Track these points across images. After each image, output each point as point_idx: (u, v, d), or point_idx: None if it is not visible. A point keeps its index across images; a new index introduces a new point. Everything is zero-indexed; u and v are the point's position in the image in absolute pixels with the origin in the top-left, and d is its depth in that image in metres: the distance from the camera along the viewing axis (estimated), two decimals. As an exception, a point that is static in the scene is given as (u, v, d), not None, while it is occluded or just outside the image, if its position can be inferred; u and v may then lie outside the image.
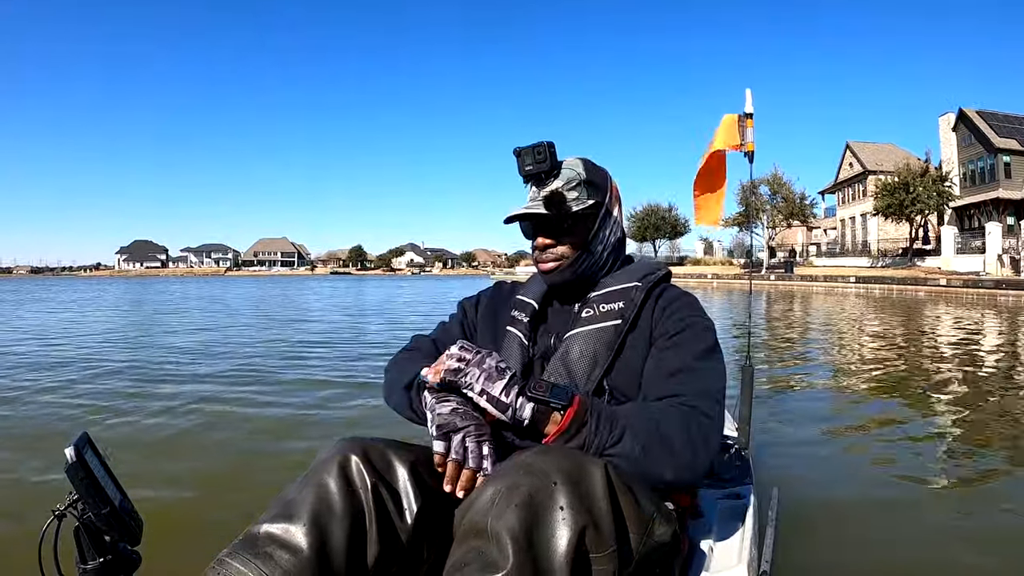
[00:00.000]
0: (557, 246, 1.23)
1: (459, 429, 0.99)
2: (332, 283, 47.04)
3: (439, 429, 0.99)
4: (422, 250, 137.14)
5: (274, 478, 2.70)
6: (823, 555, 2.01)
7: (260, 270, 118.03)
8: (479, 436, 1.00)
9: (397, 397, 1.24)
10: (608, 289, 1.25)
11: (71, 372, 5.79)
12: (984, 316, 12.94)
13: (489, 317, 1.39)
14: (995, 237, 26.49)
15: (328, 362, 6.55)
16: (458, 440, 0.99)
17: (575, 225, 1.23)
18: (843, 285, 27.93)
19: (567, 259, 1.23)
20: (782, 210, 40.03)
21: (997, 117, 32.32)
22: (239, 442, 3.48)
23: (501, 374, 1.00)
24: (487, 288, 1.49)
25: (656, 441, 1.00)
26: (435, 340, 1.40)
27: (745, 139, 2.92)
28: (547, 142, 1.19)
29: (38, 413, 4.15)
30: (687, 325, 1.18)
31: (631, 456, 0.98)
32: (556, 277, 1.25)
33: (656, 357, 1.16)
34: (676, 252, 56.17)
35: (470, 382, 0.99)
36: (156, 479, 2.81)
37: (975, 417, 3.94)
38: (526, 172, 1.21)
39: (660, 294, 1.25)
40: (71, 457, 0.81)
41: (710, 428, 1.04)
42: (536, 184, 1.23)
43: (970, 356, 6.96)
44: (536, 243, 1.24)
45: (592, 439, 0.98)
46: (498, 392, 0.98)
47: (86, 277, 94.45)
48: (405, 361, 1.31)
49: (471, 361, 1.01)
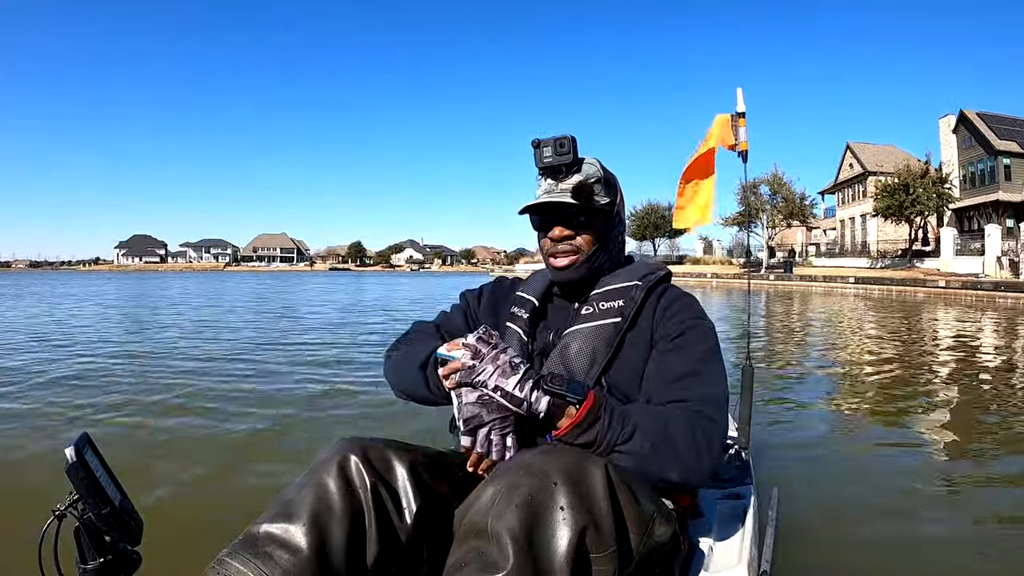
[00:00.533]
0: (575, 238, 1.22)
1: (485, 423, 1.01)
2: (332, 279, 46.96)
3: (466, 424, 1.01)
4: (421, 247, 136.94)
5: (274, 478, 2.71)
6: (823, 555, 2.01)
7: (259, 266, 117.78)
8: (504, 429, 1.02)
9: (410, 378, 1.22)
10: (608, 287, 1.25)
11: (70, 367, 5.78)
12: (983, 318, 12.96)
13: (490, 311, 1.39)
14: (994, 239, 26.45)
15: (328, 362, 6.55)
16: (483, 434, 1.01)
17: (593, 220, 1.23)
18: (842, 286, 27.91)
19: (583, 254, 1.23)
20: (782, 210, 40.07)
21: (997, 119, 32.34)
22: (239, 442, 3.48)
23: (515, 369, 1.00)
24: (488, 282, 1.49)
25: (664, 442, 1.00)
26: (438, 326, 1.41)
27: (738, 138, 2.90)
28: (570, 136, 1.18)
29: (38, 414, 4.14)
30: (689, 327, 1.18)
31: (640, 454, 0.99)
32: (571, 274, 1.24)
33: (659, 359, 1.16)
34: (676, 251, 56.22)
35: (483, 380, 1.00)
36: (156, 479, 2.80)
37: (975, 418, 3.94)
38: (544, 163, 1.19)
39: (661, 294, 1.25)
40: (71, 457, 0.81)
41: (715, 433, 1.05)
42: (553, 176, 1.21)
43: (969, 358, 6.97)
44: (553, 234, 1.23)
45: (604, 434, 0.99)
46: (511, 387, 0.99)
47: (85, 271, 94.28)
48: (413, 342, 1.31)
49: (486, 356, 1.01)
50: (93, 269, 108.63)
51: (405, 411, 4.00)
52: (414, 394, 1.24)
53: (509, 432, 1.02)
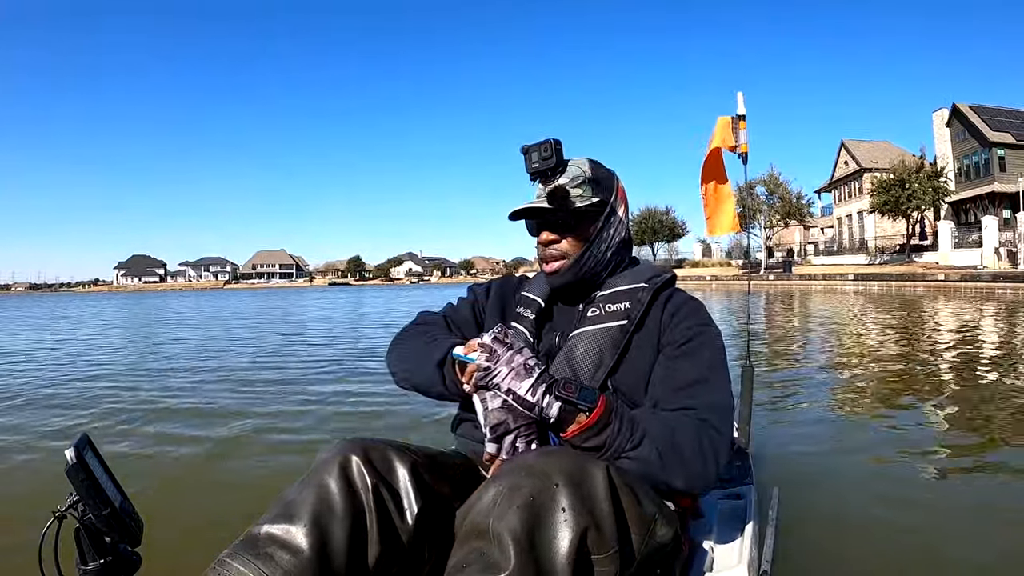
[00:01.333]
0: (560, 242, 1.23)
1: (512, 430, 1.01)
2: (332, 294, 47.03)
3: (493, 431, 1.01)
4: (420, 259, 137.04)
5: (275, 478, 2.71)
6: (823, 555, 2.01)
7: (259, 282, 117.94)
8: (528, 435, 1.02)
9: (426, 374, 1.20)
10: (614, 289, 1.25)
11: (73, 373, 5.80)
12: (982, 309, 12.95)
13: (496, 308, 1.39)
14: (991, 231, 26.64)
15: (328, 362, 6.57)
16: (509, 441, 1.01)
17: (579, 222, 1.23)
18: (842, 283, 27.99)
19: (570, 257, 1.23)
20: (779, 210, 40.15)
21: (990, 111, 32.51)
22: (239, 442, 3.49)
23: (529, 372, 1.00)
24: (497, 278, 1.50)
25: (671, 449, 1.01)
26: (447, 317, 1.41)
27: (739, 141, 2.96)
28: (553, 140, 1.19)
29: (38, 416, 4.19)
30: (697, 333, 1.19)
31: (648, 460, 1.00)
32: (558, 279, 1.25)
33: (666, 365, 1.17)
34: (674, 255, 56.23)
35: (497, 382, 1.00)
36: (156, 479, 2.81)
37: (977, 415, 3.92)
38: (532, 169, 1.22)
39: (668, 297, 1.26)
40: (71, 458, 0.81)
41: (721, 442, 1.05)
42: (542, 181, 1.23)
43: (970, 351, 6.95)
44: (540, 239, 1.25)
45: (614, 439, 0.99)
46: (524, 392, 0.99)
47: (84, 293, 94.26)
48: (423, 335, 1.30)
49: (501, 358, 1.01)
50: (92, 290, 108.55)
51: (405, 411, 4.08)
52: (427, 390, 1.23)
53: (533, 439, 1.02)
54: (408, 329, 1.38)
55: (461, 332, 1.34)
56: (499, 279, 1.48)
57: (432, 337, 1.26)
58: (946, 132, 34.27)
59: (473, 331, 1.35)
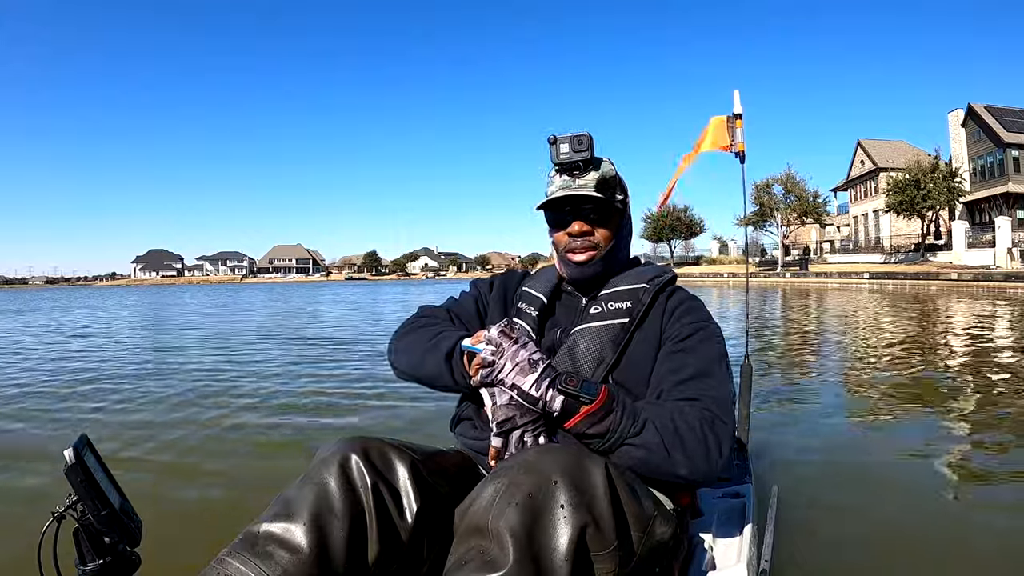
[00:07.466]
0: (594, 233, 1.24)
1: (519, 427, 1.01)
2: (349, 289, 46.62)
3: (500, 426, 1.01)
4: (436, 254, 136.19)
5: (274, 477, 2.73)
6: (823, 554, 1.99)
7: (275, 277, 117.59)
8: (535, 431, 1.02)
9: (434, 366, 1.20)
10: (617, 288, 1.26)
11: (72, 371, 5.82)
12: (994, 309, 12.79)
13: (499, 303, 1.39)
14: (1005, 231, 26.65)
15: (328, 362, 6.63)
16: (517, 436, 1.01)
17: (611, 217, 1.25)
18: (857, 281, 27.99)
19: (601, 249, 1.24)
20: (795, 208, 40.07)
21: (1006, 112, 32.30)
22: (239, 441, 3.51)
23: (533, 367, 1.00)
24: (500, 273, 1.49)
25: (674, 436, 1.01)
26: (449, 310, 1.40)
27: (735, 139, 2.93)
28: (587, 133, 1.18)
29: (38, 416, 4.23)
30: (698, 329, 1.20)
31: (651, 446, 1.00)
32: (589, 269, 1.25)
33: (668, 360, 1.17)
34: (691, 252, 56.51)
35: (501, 378, 1.01)
36: (156, 479, 2.83)
37: (980, 415, 3.85)
38: (560, 159, 1.19)
39: (669, 296, 1.27)
40: (70, 459, 0.81)
41: (724, 433, 1.05)
42: (568, 173, 1.21)
43: (978, 352, 6.84)
44: (572, 229, 1.23)
45: (616, 425, 1.00)
46: (528, 387, 0.99)
47: (101, 286, 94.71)
48: (428, 328, 1.30)
49: (506, 352, 1.01)
50: (110, 284, 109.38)
51: (405, 410, 4.10)
52: (433, 382, 1.23)
53: (542, 432, 1.02)
54: (411, 322, 1.37)
55: (464, 326, 1.34)
56: (502, 274, 1.48)
57: (438, 330, 1.27)
58: (961, 132, 34.05)
59: (476, 325, 1.35)
